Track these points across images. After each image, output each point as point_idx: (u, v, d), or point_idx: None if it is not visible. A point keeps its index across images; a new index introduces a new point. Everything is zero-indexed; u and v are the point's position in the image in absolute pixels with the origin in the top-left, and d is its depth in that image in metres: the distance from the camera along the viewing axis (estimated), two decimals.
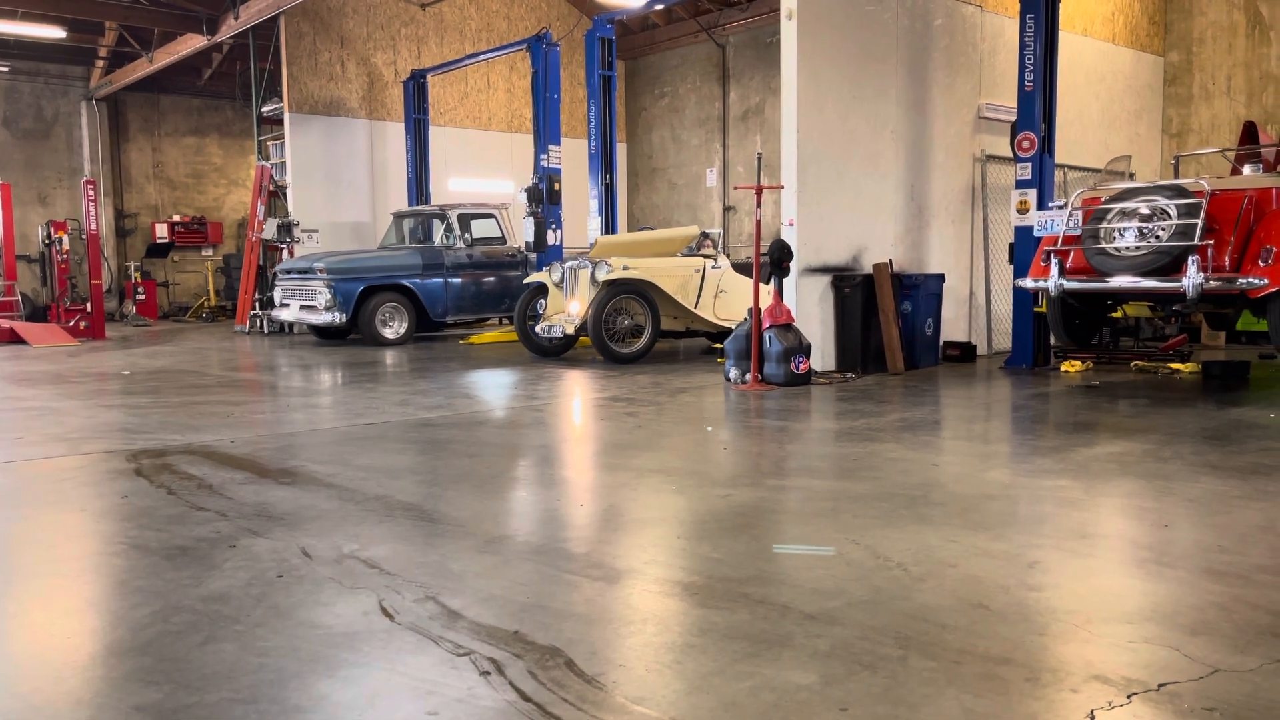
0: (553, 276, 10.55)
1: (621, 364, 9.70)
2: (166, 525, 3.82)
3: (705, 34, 17.77)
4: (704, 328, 10.78)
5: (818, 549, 3.37)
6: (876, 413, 6.65)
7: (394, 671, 2.41)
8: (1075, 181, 10.94)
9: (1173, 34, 13.25)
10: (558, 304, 10.49)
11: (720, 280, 10.80)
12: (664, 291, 10.05)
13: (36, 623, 2.83)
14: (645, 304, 10.00)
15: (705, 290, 10.63)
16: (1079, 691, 2.27)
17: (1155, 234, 7.22)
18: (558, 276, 10.48)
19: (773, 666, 2.42)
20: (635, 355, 9.93)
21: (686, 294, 10.42)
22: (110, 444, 5.67)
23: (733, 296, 10.88)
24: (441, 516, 3.92)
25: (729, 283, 10.91)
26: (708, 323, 10.60)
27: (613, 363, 9.76)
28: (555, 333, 10.19)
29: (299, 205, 15.81)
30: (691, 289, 10.53)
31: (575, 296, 10.20)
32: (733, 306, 10.87)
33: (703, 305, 10.59)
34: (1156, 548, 3.42)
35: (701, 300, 10.60)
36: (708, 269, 10.68)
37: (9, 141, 19.26)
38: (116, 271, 20.19)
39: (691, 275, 10.54)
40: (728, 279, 10.88)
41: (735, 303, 10.88)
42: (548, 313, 10.50)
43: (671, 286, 10.19)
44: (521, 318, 10.63)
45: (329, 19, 15.99)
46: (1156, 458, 4.97)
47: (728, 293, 10.82)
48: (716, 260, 10.80)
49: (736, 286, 10.84)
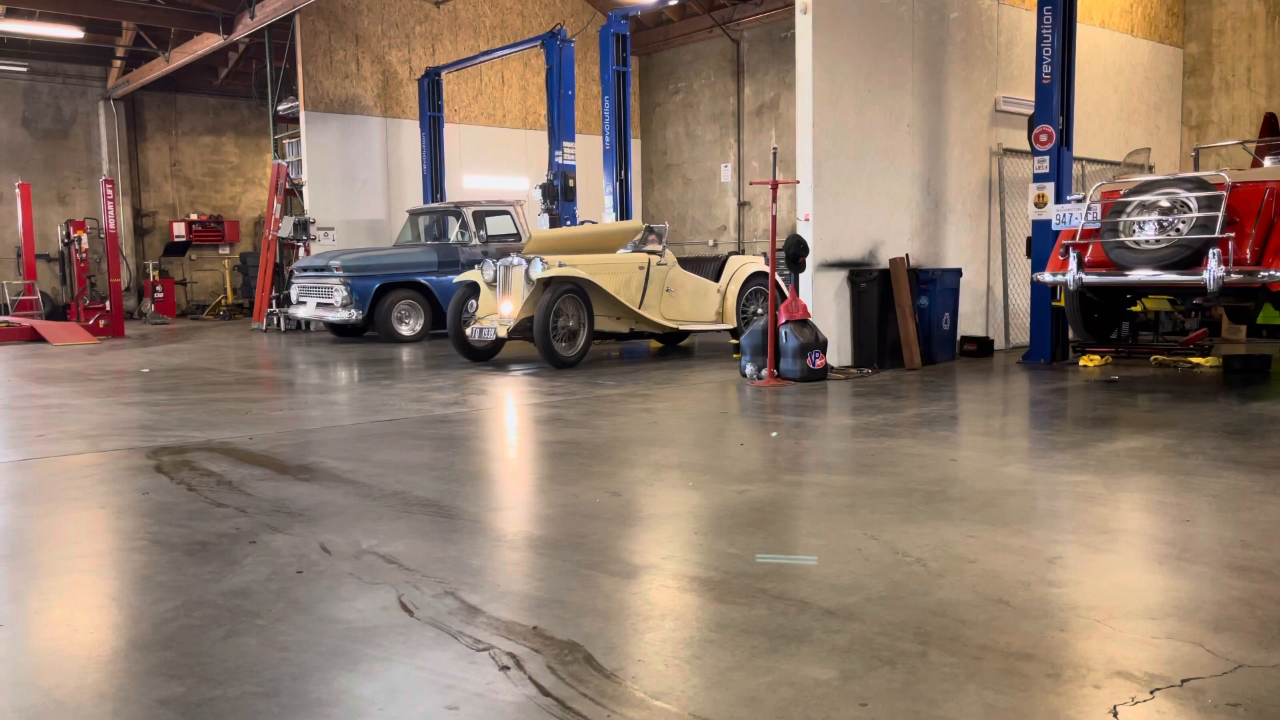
0: (485, 275, 9.75)
1: (561, 369, 9.04)
2: (187, 521, 3.85)
3: (720, 29, 17.73)
4: (649, 329, 10.12)
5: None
6: (894, 408, 6.63)
7: (414, 666, 2.42)
8: (1094, 175, 10.86)
9: (1192, 25, 13.13)
10: (490, 304, 9.70)
11: (667, 278, 10.16)
12: (604, 291, 9.34)
13: (60, 618, 2.86)
14: (580, 303, 9.26)
15: (650, 289, 10.01)
16: (1101, 687, 2.25)
17: (1175, 227, 7.16)
18: (490, 275, 9.70)
19: (791, 662, 2.41)
20: (574, 359, 9.21)
21: (629, 293, 9.78)
22: (130, 441, 5.71)
23: (681, 295, 10.28)
24: (459, 512, 3.93)
25: (677, 281, 10.29)
26: (654, 324, 9.96)
27: (553, 367, 9.10)
28: (487, 335, 9.36)
29: (315, 203, 15.87)
30: (635, 287, 9.88)
31: (508, 296, 9.45)
32: (681, 306, 10.32)
33: (648, 305, 9.96)
34: (1178, 543, 3.40)
35: (646, 300, 9.96)
36: (652, 266, 10.04)
37: (28, 141, 19.41)
38: (135, 270, 20.34)
39: (635, 273, 9.89)
40: (675, 277, 10.27)
41: (684, 302, 10.34)
42: (479, 313, 9.70)
43: (613, 285, 9.50)
44: (455, 319, 9.75)
45: (344, 17, 16.03)
46: (1177, 453, 4.94)
47: (675, 292, 10.22)
48: (662, 256, 10.18)
49: (685, 285, 10.34)
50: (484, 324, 9.46)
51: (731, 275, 10.78)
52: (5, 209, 18.98)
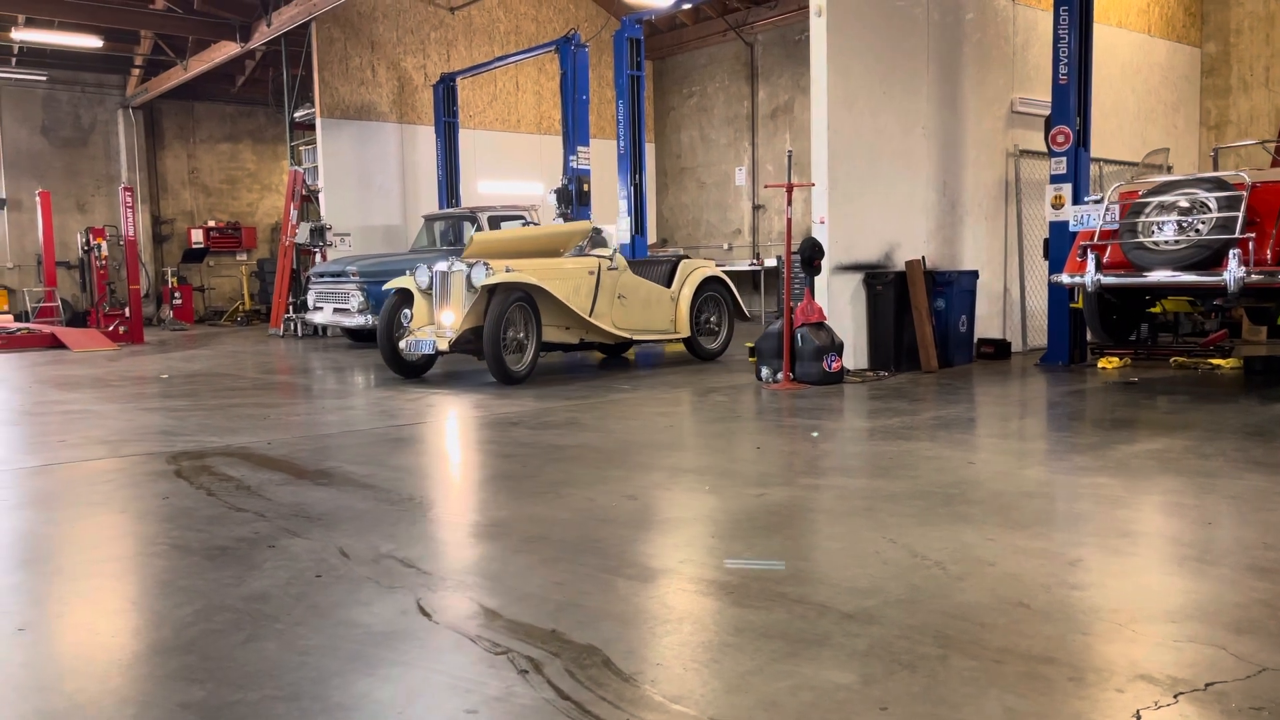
0: (419, 281, 8.76)
1: (509, 384, 8.24)
2: (206, 526, 3.87)
3: (733, 32, 17.73)
4: (600, 339, 9.26)
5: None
6: (911, 411, 6.60)
7: (433, 670, 2.42)
8: (1111, 175, 10.80)
9: (1209, 25, 13.05)
10: (425, 314, 8.72)
11: (618, 284, 9.35)
12: (555, 299, 8.51)
13: (82, 622, 2.88)
14: (529, 312, 8.42)
15: (601, 296, 9.17)
16: (1124, 691, 2.23)
17: (1195, 227, 7.10)
18: (425, 281, 8.72)
19: (811, 666, 2.40)
20: (523, 374, 8.38)
21: (579, 300, 8.92)
22: (150, 446, 5.75)
23: (633, 303, 9.46)
24: (474, 515, 3.94)
25: (629, 287, 9.47)
26: (605, 333, 9.12)
27: (501, 383, 8.26)
28: (425, 349, 8.42)
29: (331, 209, 15.96)
30: (585, 294, 9.04)
31: (448, 305, 8.50)
32: (634, 314, 9.48)
33: (598, 313, 9.12)
34: (1199, 545, 3.37)
35: (597, 307, 9.13)
36: (603, 270, 9.22)
37: (48, 150, 19.59)
38: (154, 277, 20.49)
39: (585, 278, 9.06)
40: (627, 282, 9.46)
41: (636, 311, 9.50)
42: (414, 324, 8.69)
43: (563, 291, 8.67)
44: (386, 330, 8.75)
45: (359, 24, 16.12)
46: (1198, 454, 4.90)
47: (627, 299, 9.41)
48: (613, 260, 9.35)
49: (638, 291, 9.55)
50: (420, 336, 8.50)
51: (684, 280, 10.07)
52: (26, 217, 19.16)
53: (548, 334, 8.64)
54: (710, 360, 10.15)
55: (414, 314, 8.70)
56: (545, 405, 7.13)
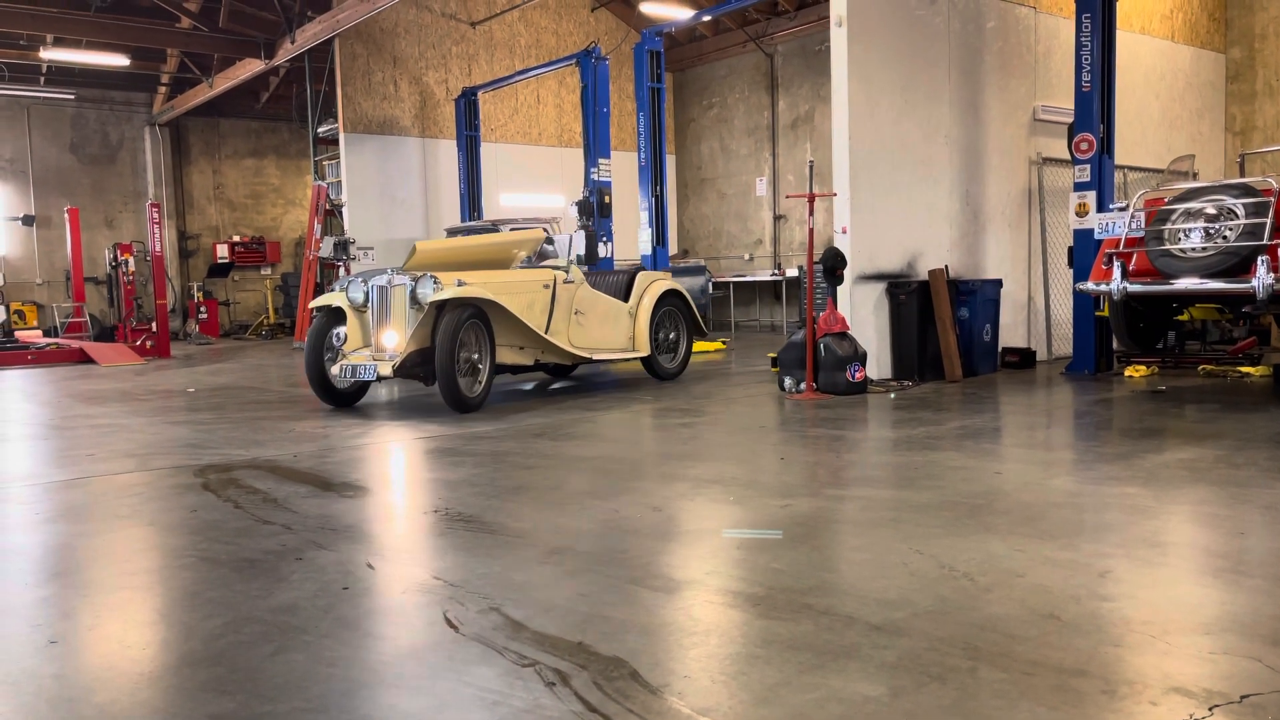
0: (352, 297, 7.77)
1: (463, 413, 7.33)
2: (234, 538, 3.90)
3: (753, 43, 17.76)
4: (557, 359, 8.39)
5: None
6: (935, 421, 6.56)
7: (460, 682, 2.43)
8: (1136, 183, 10.72)
9: (1234, 30, 12.94)
10: (359, 335, 7.77)
11: (575, 298, 8.52)
12: (510, 315, 7.65)
13: (112, 634, 2.90)
14: (483, 331, 7.52)
15: (557, 311, 8.33)
16: (1158, 704, 2.20)
17: (1222, 234, 7.04)
18: (360, 297, 7.74)
19: (839, 678, 2.39)
20: (478, 400, 7.47)
21: (535, 316, 8.07)
22: (177, 459, 5.80)
23: (591, 320, 8.63)
24: (501, 528, 3.95)
25: (586, 301, 8.62)
26: (562, 352, 8.24)
27: (455, 411, 7.34)
28: (365, 374, 7.32)
29: (354, 223, 16.08)
30: (540, 310, 8.17)
31: (390, 324, 7.56)
32: (592, 333, 8.63)
33: (555, 330, 8.27)
34: (1232, 556, 3.33)
35: (554, 324, 8.27)
36: (558, 284, 8.35)
37: (76, 167, 19.87)
38: (180, 291, 20.70)
39: (539, 293, 8.18)
40: (584, 297, 8.61)
41: (594, 328, 8.66)
42: (347, 347, 7.72)
43: (518, 306, 7.80)
44: (315, 354, 7.76)
45: (382, 40, 16.26)
46: (1229, 464, 4.84)
47: (585, 314, 8.59)
48: (569, 273, 8.49)
49: (595, 306, 8.71)
50: (357, 360, 7.48)
51: (642, 294, 9.24)
52: (55, 233, 19.42)
53: (501, 354, 7.78)
54: (669, 380, 9.32)
55: (348, 335, 7.73)
56: (516, 426, 7.13)
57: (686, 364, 9.73)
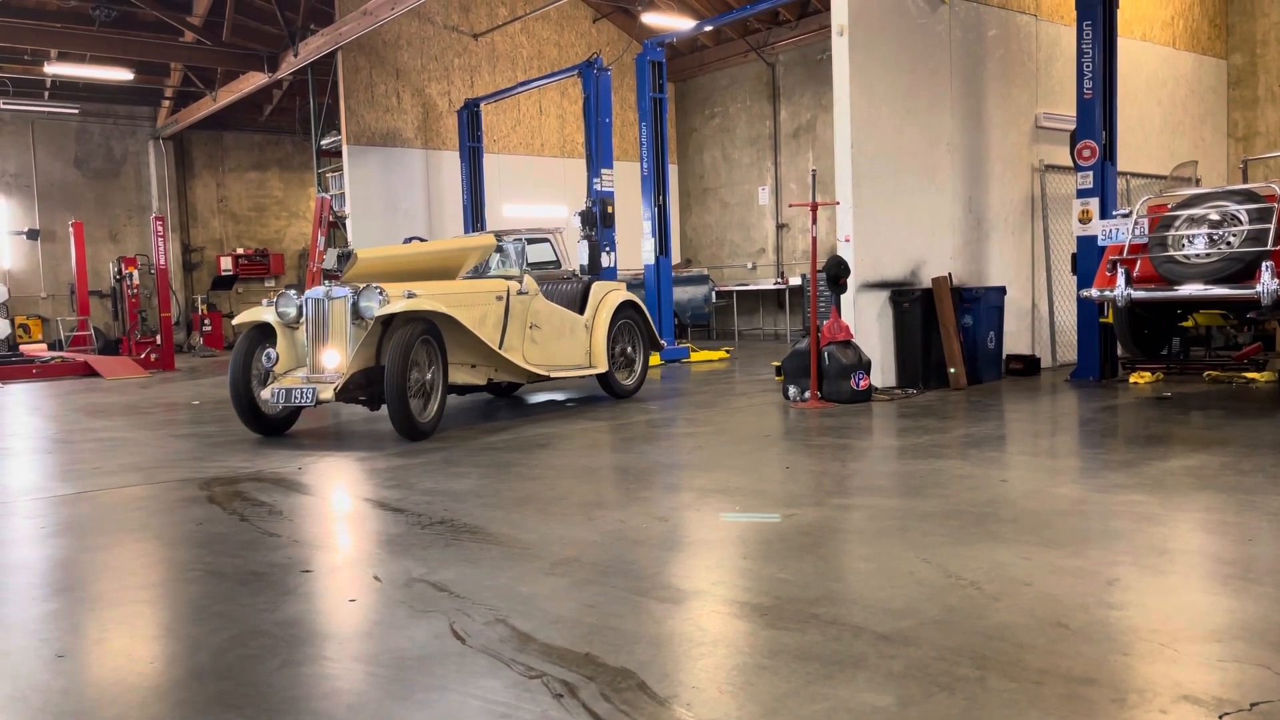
0: (282, 312, 7.03)
1: (414, 440, 6.64)
2: (240, 551, 3.90)
3: (755, 53, 17.80)
4: (511, 377, 7.83)
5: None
6: (940, 429, 6.55)
7: (468, 694, 2.42)
8: (1139, 189, 10.72)
9: (1235, 36, 12.95)
10: (291, 355, 7.01)
11: (529, 311, 7.90)
12: (466, 330, 7.02)
13: (119, 648, 2.90)
14: (434, 348, 6.84)
15: (512, 325, 7.71)
16: (1168, 712, 2.20)
17: (1226, 240, 7.04)
18: (292, 312, 7.01)
19: (847, 688, 2.38)
20: (430, 426, 6.77)
21: (488, 331, 7.45)
22: (183, 472, 5.80)
23: (548, 334, 8.03)
24: (507, 539, 3.94)
25: (541, 314, 8.01)
26: (517, 369, 7.65)
27: (406, 438, 6.65)
28: (301, 399, 6.53)
29: (358, 235, 16.11)
30: (494, 324, 7.54)
31: (329, 343, 6.85)
32: (549, 348, 8.03)
33: (509, 345, 7.67)
34: (1241, 563, 3.32)
35: (508, 339, 7.67)
36: (512, 296, 7.73)
37: (81, 181, 19.93)
38: (184, 304, 20.75)
39: (492, 305, 7.56)
40: (539, 309, 8.00)
41: (551, 343, 8.06)
42: (280, 368, 6.93)
43: (470, 319, 7.15)
44: (241, 377, 6.98)
45: (384, 52, 16.32)
46: (1236, 470, 4.83)
47: (541, 328, 7.98)
48: (523, 284, 7.86)
49: (551, 320, 8.10)
50: (291, 383, 6.72)
51: (597, 306, 8.66)
52: (59, 247, 19.47)
53: (453, 374, 7.13)
54: (626, 399, 8.74)
55: (280, 355, 6.94)
56: (482, 443, 7.12)
57: (643, 381, 9.13)
